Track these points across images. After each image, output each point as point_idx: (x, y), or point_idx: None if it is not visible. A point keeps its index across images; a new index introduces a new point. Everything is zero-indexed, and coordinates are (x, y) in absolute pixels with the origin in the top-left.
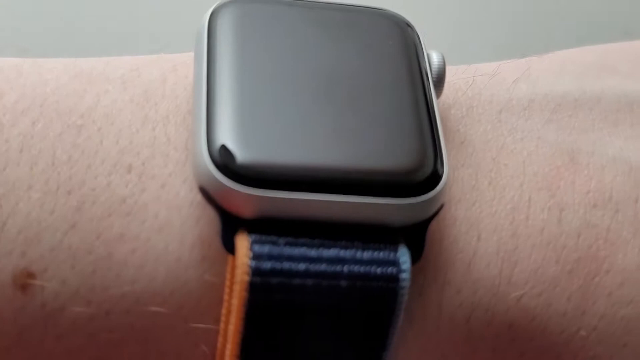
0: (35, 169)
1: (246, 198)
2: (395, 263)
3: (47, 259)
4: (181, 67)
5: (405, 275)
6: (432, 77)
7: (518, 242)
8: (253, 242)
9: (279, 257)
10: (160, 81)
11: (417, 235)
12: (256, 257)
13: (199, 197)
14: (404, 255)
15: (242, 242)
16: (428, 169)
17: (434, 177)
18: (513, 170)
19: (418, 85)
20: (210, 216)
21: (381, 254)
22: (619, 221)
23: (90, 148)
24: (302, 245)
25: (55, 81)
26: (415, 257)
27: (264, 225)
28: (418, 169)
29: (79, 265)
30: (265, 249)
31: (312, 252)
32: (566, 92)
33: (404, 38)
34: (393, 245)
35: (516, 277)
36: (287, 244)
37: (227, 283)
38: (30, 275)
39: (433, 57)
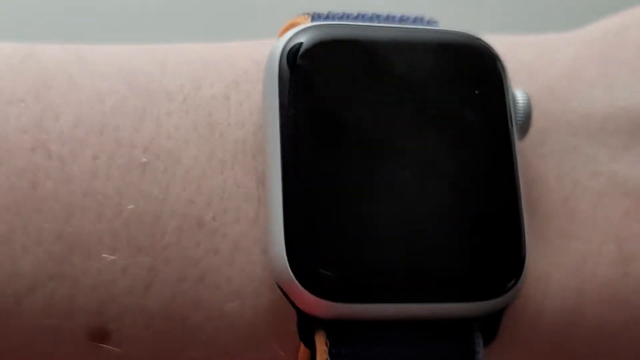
0: (103, 218)
1: (326, 306)
2: (470, 351)
3: (123, 320)
4: (242, 81)
5: (479, 357)
6: (516, 125)
7: (584, 300)
8: (332, 345)
9: (357, 357)
10: (222, 99)
11: (494, 317)
12: (334, 358)
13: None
14: (478, 345)
15: (320, 341)
16: (509, 270)
17: (516, 272)
18: (584, 216)
19: (501, 157)
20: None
21: (457, 347)
22: None
23: (157, 195)
24: (380, 344)
25: (112, 96)
26: (491, 336)
27: (342, 324)
28: (499, 273)
29: (153, 327)
30: (343, 351)
31: (390, 351)
32: None
33: (489, 87)
34: (468, 334)
35: (579, 335)
36: (365, 343)
37: None
38: (106, 333)
39: (518, 98)
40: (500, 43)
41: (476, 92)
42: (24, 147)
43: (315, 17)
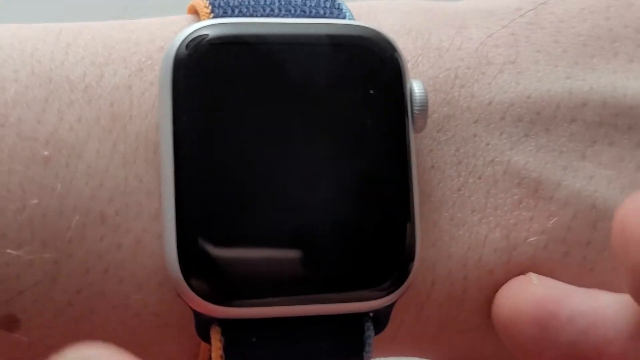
0: (7, 213)
1: (214, 309)
2: (359, 343)
3: (31, 310)
4: (146, 68)
5: (368, 349)
6: (412, 117)
7: (468, 285)
8: (226, 341)
9: (251, 356)
10: (125, 89)
11: (385, 309)
12: (228, 353)
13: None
14: (368, 337)
15: (215, 337)
16: (400, 268)
17: (405, 270)
18: (475, 204)
19: (395, 152)
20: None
21: (347, 340)
22: (565, 264)
23: (60, 190)
24: (273, 341)
25: (14, 85)
26: (382, 325)
27: (235, 321)
28: (389, 271)
29: (62, 316)
30: (237, 348)
31: (281, 348)
32: (550, 95)
33: (385, 81)
34: (359, 326)
35: (462, 317)
36: (259, 339)
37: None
38: (15, 321)
39: (415, 90)
40: (420, 17)
41: (371, 91)
42: None
43: (214, 3)
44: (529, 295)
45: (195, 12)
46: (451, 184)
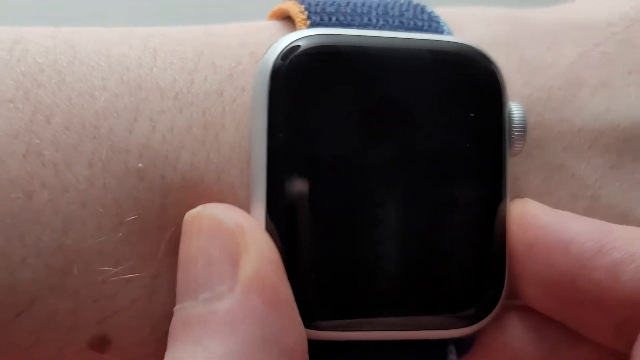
0: (103, 230)
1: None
2: None
3: (126, 329)
4: (237, 74)
5: None
6: (510, 140)
7: None
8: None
9: None
10: (216, 96)
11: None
12: None
13: None
14: None
15: None
16: (488, 300)
17: (494, 302)
18: None
19: (493, 170)
20: None
21: None
22: None
23: (157, 206)
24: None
25: (103, 93)
26: (466, 348)
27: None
28: (478, 302)
29: (158, 331)
30: None
31: None
32: (638, 120)
33: (484, 103)
34: (442, 350)
35: None
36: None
37: None
38: (107, 342)
39: (514, 111)
40: (508, 28)
41: (471, 114)
42: (16, 154)
43: (310, 9)
44: None
45: (282, 17)
46: None
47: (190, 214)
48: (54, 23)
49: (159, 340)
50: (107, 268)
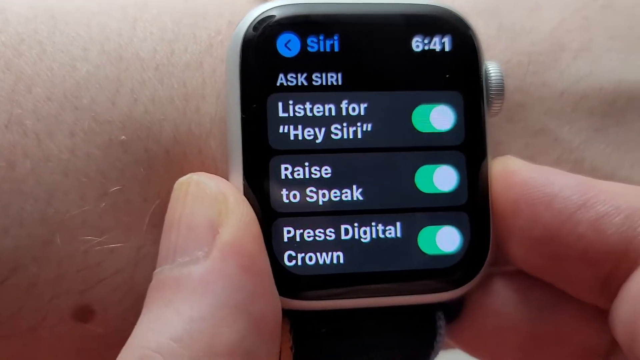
0: (87, 200)
1: (287, 302)
2: (432, 336)
3: (109, 300)
4: (216, 44)
5: (439, 339)
6: (488, 100)
7: None
8: (295, 337)
9: (321, 349)
10: (196, 66)
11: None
12: (299, 349)
13: None
14: (440, 328)
15: (285, 330)
16: (475, 261)
17: (480, 263)
18: None
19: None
20: None
21: (420, 333)
22: None
23: (141, 177)
24: (343, 333)
25: (85, 63)
26: (455, 313)
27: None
28: (465, 265)
29: (140, 305)
30: (308, 341)
31: (351, 340)
32: (622, 86)
33: (459, 60)
34: (430, 316)
35: None
36: (328, 333)
37: None
38: (90, 312)
39: (490, 71)
40: (486, 1)
41: (447, 75)
42: None
43: None
44: None
45: None
46: None
47: (180, 181)
48: None
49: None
50: (90, 237)
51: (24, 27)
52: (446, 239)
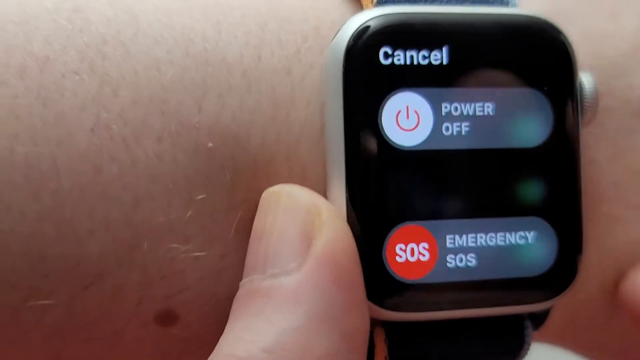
0: (173, 207)
1: (384, 314)
2: (520, 343)
3: (191, 305)
4: (304, 50)
5: (526, 346)
6: (582, 110)
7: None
8: (390, 346)
9: (413, 357)
10: (284, 72)
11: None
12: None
13: None
14: (527, 336)
15: (380, 340)
16: (565, 274)
17: (570, 277)
18: (631, 200)
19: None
20: None
21: (509, 341)
22: None
23: (227, 185)
24: (435, 341)
25: (170, 67)
26: (541, 320)
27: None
28: (554, 278)
29: (221, 310)
30: (402, 350)
31: (443, 347)
32: None
33: (556, 72)
34: (520, 324)
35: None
36: (421, 341)
37: None
38: (174, 317)
39: (584, 82)
40: (566, 4)
41: (545, 87)
42: (83, 127)
43: None
44: None
45: None
46: (607, 179)
47: (269, 190)
48: None
49: (224, 319)
50: (176, 245)
51: (105, 27)
52: (540, 248)
